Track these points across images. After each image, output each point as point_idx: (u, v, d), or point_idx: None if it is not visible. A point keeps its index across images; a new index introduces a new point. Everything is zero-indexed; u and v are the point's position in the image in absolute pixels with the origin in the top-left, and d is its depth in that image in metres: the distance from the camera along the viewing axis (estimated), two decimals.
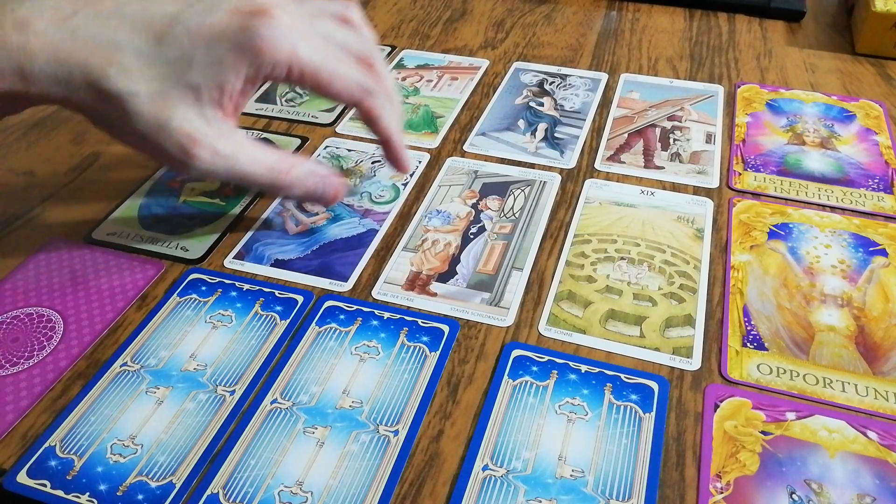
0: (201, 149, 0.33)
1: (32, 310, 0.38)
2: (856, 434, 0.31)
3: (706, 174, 0.46)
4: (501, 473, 0.30)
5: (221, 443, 0.32)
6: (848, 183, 0.45)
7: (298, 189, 0.37)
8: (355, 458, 0.31)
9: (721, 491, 0.29)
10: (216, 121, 0.34)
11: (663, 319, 0.36)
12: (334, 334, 0.36)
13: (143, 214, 0.44)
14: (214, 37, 0.32)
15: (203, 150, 0.33)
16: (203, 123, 0.33)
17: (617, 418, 0.32)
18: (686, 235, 0.41)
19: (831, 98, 0.53)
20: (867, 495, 0.29)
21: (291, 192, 0.37)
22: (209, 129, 0.33)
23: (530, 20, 0.65)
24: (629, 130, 0.50)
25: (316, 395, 0.33)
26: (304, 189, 0.37)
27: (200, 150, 0.33)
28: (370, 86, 0.36)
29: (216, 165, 0.34)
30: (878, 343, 0.35)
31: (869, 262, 0.39)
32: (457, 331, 0.36)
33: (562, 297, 0.38)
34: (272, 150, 0.36)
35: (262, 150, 0.36)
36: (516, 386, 0.34)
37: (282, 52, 0.33)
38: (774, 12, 0.64)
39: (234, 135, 0.35)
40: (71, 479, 0.30)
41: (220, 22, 0.32)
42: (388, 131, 0.38)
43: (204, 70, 0.32)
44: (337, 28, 0.37)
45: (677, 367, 0.34)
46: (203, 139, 0.33)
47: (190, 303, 0.38)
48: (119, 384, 0.34)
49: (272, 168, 0.36)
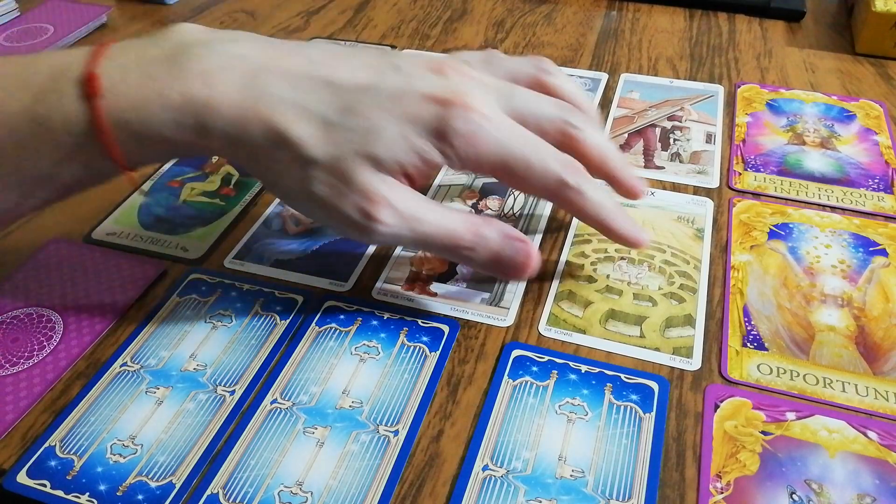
0: (383, 210, 0.31)
1: (32, 310, 0.38)
2: (856, 434, 0.31)
3: (706, 174, 0.46)
4: (501, 473, 0.30)
5: (221, 443, 0.32)
6: (848, 183, 0.45)
7: (482, 252, 0.33)
8: (355, 458, 0.31)
9: (721, 491, 0.29)
10: (396, 185, 0.32)
11: (663, 319, 0.36)
12: (334, 334, 0.36)
13: (143, 214, 0.44)
14: (405, 117, 0.31)
15: (385, 212, 0.31)
16: (384, 187, 0.31)
17: (617, 418, 0.32)
18: (686, 235, 0.41)
19: (831, 98, 0.53)
20: (867, 495, 0.29)
21: (475, 257, 0.33)
22: (390, 192, 0.31)
23: (530, 20, 0.65)
24: (629, 130, 0.50)
25: (316, 395, 0.33)
26: (488, 252, 0.33)
27: (382, 211, 0.31)
28: (567, 180, 0.33)
29: (399, 228, 0.32)
30: (878, 343, 0.35)
31: (869, 262, 0.39)
32: (457, 331, 0.36)
33: (562, 297, 0.38)
34: (456, 210, 0.34)
35: (446, 210, 0.33)
36: (516, 386, 0.34)
37: (473, 148, 0.31)
38: (774, 12, 0.64)
39: (415, 196, 0.32)
40: (71, 479, 0.30)
41: (413, 105, 0.31)
42: (598, 220, 0.34)
43: (388, 145, 0.31)
44: (532, 100, 0.34)
45: (677, 367, 0.34)
46: (384, 200, 0.31)
47: (190, 303, 0.38)
48: (119, 384, 0.34)
49: (455, 229, 0.33)
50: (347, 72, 0.32)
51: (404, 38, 0.63)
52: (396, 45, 0.62)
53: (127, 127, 0.30)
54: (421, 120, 0.31)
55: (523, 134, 0.33)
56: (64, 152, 0.31)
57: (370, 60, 0.33)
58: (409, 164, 0.31)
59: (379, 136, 0.31)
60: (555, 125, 0.34)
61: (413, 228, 0.32)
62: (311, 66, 0.32)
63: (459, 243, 0.33)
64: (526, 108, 0.33)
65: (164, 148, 0.32)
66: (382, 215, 0.31)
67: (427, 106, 0.31)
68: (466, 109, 0.31)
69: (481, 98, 0.32)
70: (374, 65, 0.32)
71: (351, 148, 0.31)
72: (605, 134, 0.36)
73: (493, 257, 0.33)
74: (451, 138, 0.31)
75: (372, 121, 0.31)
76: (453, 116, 0.31)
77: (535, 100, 0.34)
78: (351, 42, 0.62)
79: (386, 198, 0.31)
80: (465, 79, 0.33)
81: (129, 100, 0.30)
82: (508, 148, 0.32)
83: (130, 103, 0.30)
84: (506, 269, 0.34)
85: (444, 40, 0.62)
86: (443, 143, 0.31)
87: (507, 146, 0.32)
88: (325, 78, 0.31)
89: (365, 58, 0.33)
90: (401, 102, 0.31)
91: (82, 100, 0.30)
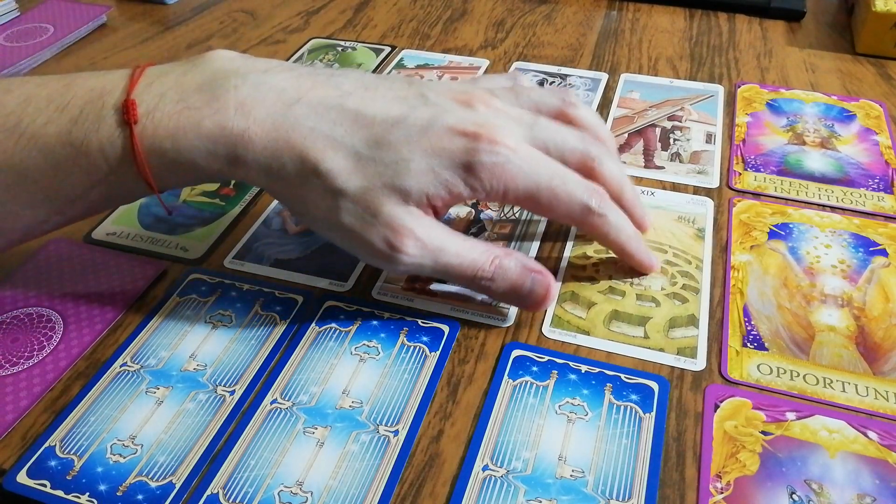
0: (408, 242, 0.32)
1: (32, 310, 0.38)
2: (856, 434, 0.31)
3: (706, 174, 0.46)
4: (501, 473, 0.30)
5: (221, 443, 0.32)
6: (848, 183, 0.45)
7: (501, 283, 0.34)
8: (355, 458, 0.31)
9: (721, 491, 0.29)
10: (421, 217, 0.32)
11: (667, 320, 0.36)
12: (334, 334, 0.36)
13: (143, 214, 0.44)
14: (433, 151, 0.32)
15: (410, 243, 0.32)
16: (410, 218, 0.32)
17: (617, 418, 0.32)
18: (687, 235, 0.41)
19: (831, 98, 0.53)
20: (867, 495, 0.29)
21: (494, 287, 0.34)
22: (416, 223, 0.32)
23: (530, 20, 0.65)
24: (629, 130, 0.50)
25: (316, 395, 0.33)
26: (507, 283, 0.34)
27: (407, 243, 0.32)
28: (592, 205, 0.34)
29: (423, 259, 0.32)
30: (878, 343, 0.35)
31: (869, 262, 0.39)
32: (457, 331, 0.36)
33: (565, 299, 0.38)
34: (479, 241, 0.35)
35: (468, 242, 0.34)
36: (516, 386, 0.34)
37: (500, 181, 0.32)
38: (774, 12, 0.64)
39: (439, 228, 0.33)
40: (71, 479, 0.30)
41: (442, 139, 0.32)
42: (618, 245, 0.36)
43: (416, 178, 0.31)
44: (556, 131, 0.35)
45: (683, 367, 0.34)
46: (410, 232, 0.32)
47: (190, 303, 0.38)
48: (119, 384, 0.34)
49: (475, 260, 0.33)
50: (378, 104, 0.33)
51: (404, 38, 0.63)
52: (396, 45, 0.62)
53: (162, 154, 0.31)
54: (449, 153, 0.32)
55: (549, 164, 0.33)
56: (98, 175, 0.32)
57: (400, 92, 0.34)
58: (436, 197, 0.32)
59: (408, 169, 0.31)
60: (576, 156, 0.35)
61: (436, 259, 0.33)
62: (343, 98, 0.33)
63: (479, 274, 0.34)
64: (549, 139, 0.34)
65: (195, 175, 0.33)
66: (407, 247, 0.32)
67: (455, 139, 0.32)
68: (493, 143, 0.32)
69: (507, 130, 0.33)
70: (403, 97, 0.33)
71: (380, 181, 0.31)
72: (622, 167, 0.37)
73: (511, 288, 0.34)
74: (478, 171, 0.32)
75: (401, 154, 0.31)
76: (481, 150, 0.32)
77: (558, 130, 0.35)
78: (351, 43, 0.62)
79: (412, 230, 0.32)
80: (492, 111, 0.34)
81: (165, 128, 0.31)
82: (535, 179, 0.33)
83: (167, 131, 0.31)
84: (523, 301, 0.35)
85: (444, 40, 0.62)
86: (470, 175, 0.32)
87: (534, 178, 0.33)
88: (356, 110, 0.32)
89: (395, 89, 0.34)
90: (429, 136, 0.32)
91: (119, 126, 0.31)
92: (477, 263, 0.33)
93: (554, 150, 0.34)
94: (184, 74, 0.32)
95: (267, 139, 0.31)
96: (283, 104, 0.32)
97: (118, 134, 0.31)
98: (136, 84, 0.32)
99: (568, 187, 0.33)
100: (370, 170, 0.31)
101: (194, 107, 0.31)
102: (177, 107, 0.31)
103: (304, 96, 0.32)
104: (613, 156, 0.37)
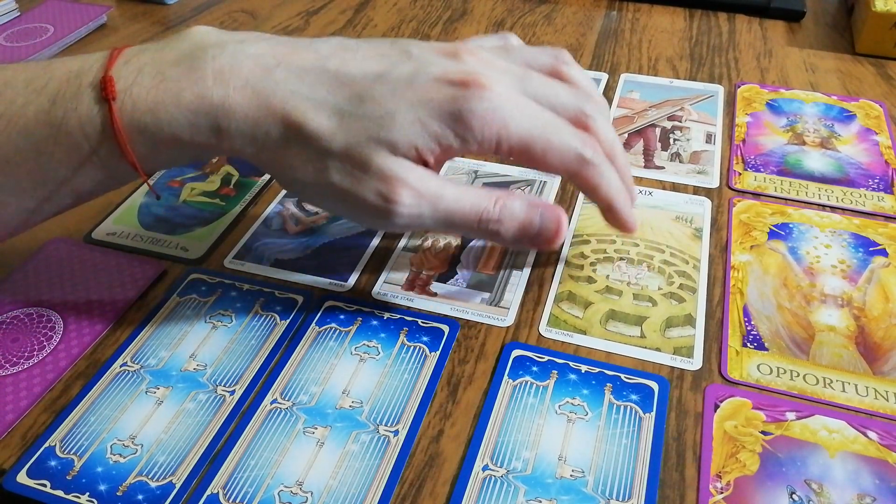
0: (403, 190, 0.30)
1: (32, 310, 0.38)
2: (856, 434, 0.31)
3: (706, 174, 0.46)
4: (501, 473, 0.30)
5: (221, 443, 0.32)
6: (848, 183, 0.45)
7: (510, 223, 0.33)
8: (355, 458, 0.31)
9: (721, 491, 0.29)
10: (413, 167, 0.31)
11: (664, 319, 0.36)
12: (334, 334, 0.36)
13: (143, 214, 0.44)
14: (419, 102, 0.30)
15: (405, 192, 0.31)
16: (401, 168, 0.31)
17: (617, 418, 0.32)
18: (685, 235, 0.41)
19: (831, 98, 0.53)
20: (867, 495, 0.29)
21: (503, 230, 0.33)
22: (408, 172, 0.31)
23: (530, 20, 0.65)
24: (629, 130, 0.50)
25: (316, 395, 0.33)
26: (516, 223, 0.33)
27: (402, 191, 0.30)
28: (586, 155, 0.33)
29: (421, 208, 0.31)
30: (878, 343, 0.35)
31: (869, 262, 0.39)
32: (457, 331, 0.36)
33: (562, 298, 0.38)
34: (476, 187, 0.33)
35: (466, 186, 0.33)
36: (516, 386, 0.34)
37: (491, 128, 0.31)
38: (774, 12, 0.64)
39: (433, 176, 0.32)
40: (71, 479, 0.30)
41: (427, 89, 0.31)
42: (608, 199, 0.34)
43: (403, 129, 0.30)
44: (548, 85, 0.33)
45: (678, 367, 0.34)
46: (402, 181, 0.31)
47: (190, 303, 0.38)
48: (119, 384, 0.34)
49: (478, 203, 0.32)
50: (358, 63, 0.32)
51: (404, 37, 0.63)
52: None
53: (142, 129, 0.31)
54: (437, 103, 0.31)
55: (542, 112, 0.32)
56: (80, 156, 0.31)
57: (382, 49, 0.33)
58: (426, 148, 0.31)
59: (394, 120, 0.30)
60: (569, 112, 0.33)
61: (435, 207, 0.32)
62: (322, 60, 0.32)
63: (484, 217, 0.32)
64: (542, 93, 0.33)
65: (179, 150, 0.32)
66: (402, 196, 0.31)
67: (442, 89, 0.31)
68: (482, 89, 0.31)
69: (497, 79, 0.31)
70: (385, 54, 0.32)
71: (366, 134, 0.30)
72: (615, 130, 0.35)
73: (520, 228, 0.33)
74: (468, 120, 0.31)
75: (386, 107, 0.30)
76: (470, 98, 0.30)
77: (550, 85, 0.34)
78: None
79: (404, 179, 0.31)
80: (481, 61, 0.32)
81: (144, 102, 0.30)
82: (528, 127, 0.31)
83: (145, 105, 0.30)
84: (535, 240, 0.34)
85: (444, 40, 0.62)
86: (460, 125, 0.31)
87: (527, 125, 0.31)
88: (336, 71, 0.31)
89: (377, 47, 0.33)
90: (414, 87, 0.31)
91: (98, 102, 0.30)
92: (480, 206, 0.32)
93: (546, 104, 0.33)
94: (160, 50, 0.32)
95: (248, 106, 0.30)
96: (262, 70, 0.31)
97: (97, 111, 0.30)
98: (113, 62, 0.31)
99: (562, 136, 0.32)
100: (355, 125, 0.31)
101: (173, 79, 0.30)
102: (155, 80, 0.30)
103: (282, 61, 0.31)
104: (607, 116, 0.35)
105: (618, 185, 0.34)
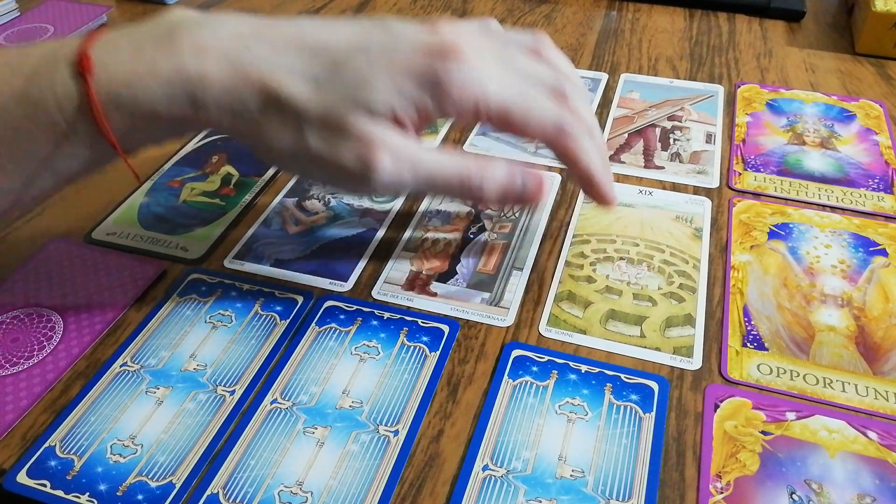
0: (382, 153, 0.30)
1: (32, 310, 0.38)
2: (856, 434, 0.31)
3: (706, 174, 0.46)
4: (501, 473, 0.30)
5: (221, 443, 0.32)
6: (848, 183, 0.45)
7: (492, 184, 0.33)
8: (355, 458, 0.31)
9: (721, 491, 0.29)
10: (392, 130, 0.31)
11: (663, 319, 0.36)
12: (334, 334, 0.36)
13: (143, 214, 0.44)
14: (397, 69, 0.31)
15: (383, 155, 0.30)
16: (379, 131, 0.31)
17: (617, 418, 0.32)
18: (685, 235, 0.41)
19: (831, 98, 0.53)
20: (867, 495, 0.29)
21: (486, 190, 0.33)
22: (386, 135, 0.31)
23: (530, 20, 0.65)
24: (629, 130, 0.50)
25: (316, 395, 0.33)
26: (498, 183, 0.33)
27: (381, 154, 0.30)
28: (566, 123, 0.33)
29: (401, 170, 0.31)
30: (878, 343, 0.35)
31: (869, 262, 0.39)
32: (457, 331, 0.36)
33: (562, 298, 0.38)
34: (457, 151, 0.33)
35: (446, 151, 0.33)
36: (516, 386, 0.34)
37: (469, 94, 0.31)
38: (774, 12, 0.64)
39: (413, 140, 0.32)
40: (71, 480, 0.30)
41: (406, 58, 0.31)
42: (588, 170, 0.34)
43: (381, 94, 0.30)
44: (528, 61, 0.34)
45: (678, 366, 0.34)
46: (381, 143, 0.30)
47: (190, 303, 0.38)
48: (119, 384, 0.34)
49: (458, 166, 0.32)
50: (336, 36, 0.32)
51: None
52: None
53: (119, 103, 0.30)
54: (415, 71, 0.31)
55: (520, 82, 0.33)
56: (58, 134, 0.31)
57: (361, 25, 0.33)
58: (403, 112, 0.31)
59: (371, 85, 0.31)
60: (547, 86, 0.34)
61: (415, 170, 0.32)
62: (301, 33, 0.32)
63: (465, 179, 0.33)
64: (521, 66, 0.33)
65: (157, 125, 0.32)
66: (381, 159, 0.31)
67: (420, 57, 0.31)
68: (460, 56, 0.31)
69: (476, 47, 0.32)
70: (363, 28, 0.33)
71: (343, 98, 0.31)
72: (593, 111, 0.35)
73: (503, 188, 0.33)
74: (446, 86, 0.31)
75: (363, 74, 0.31)
76: (448, 64, 0.31)
77: (528, 62, 0.34)
78: None
79: (383, 141, 0.31)
80: (460, 33, 0.32)
81: (120, 76, 0.30)
82: (506, 94, 0.32)
83: (122, 79, 0.30)
84: (520, 198, 0.34)
85: None
86: (438, 91, 0.31)
87: (505, 92, 0.32)
88: (314, 42, 0.32)
89: (356, 23, 0.33)
90: (392, 56, 0.31)
91: (74, 78, 0.30)
92: (461, 168, 0.32)
93: (524, 77, 0.33)
94: (140, 29, 0.32)
95: (224, 77, 0.30)
96: (240, 43, 0.31)
97: (73, 86, 0.30)
98: (91, 41, 0.31)
99: (541, 103, 0.32)
100: (331, 90, 0.31)
101: (149, 53, 0.30)
102: (132, 55, 0.31)
103: (261, 35, 0.32)
104: (586, 98, 0.36)
105: (596, 159, 0.34)
